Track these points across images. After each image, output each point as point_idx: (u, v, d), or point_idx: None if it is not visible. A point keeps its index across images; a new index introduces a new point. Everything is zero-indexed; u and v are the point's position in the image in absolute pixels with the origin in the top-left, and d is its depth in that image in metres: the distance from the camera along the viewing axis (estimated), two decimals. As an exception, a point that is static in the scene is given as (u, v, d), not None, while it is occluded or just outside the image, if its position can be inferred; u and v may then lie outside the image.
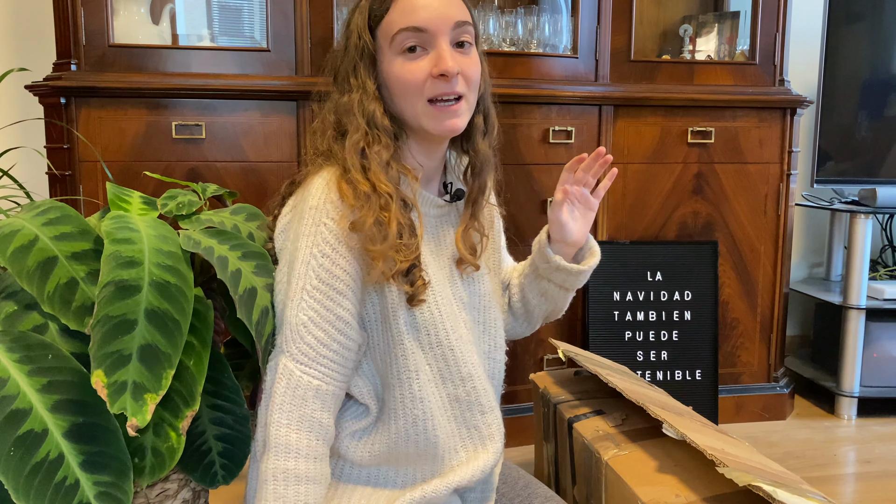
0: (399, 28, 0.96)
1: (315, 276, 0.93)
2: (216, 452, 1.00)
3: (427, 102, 0.97)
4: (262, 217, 1.19)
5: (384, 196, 0.96)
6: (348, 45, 1.01)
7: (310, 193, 0.98)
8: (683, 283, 2.17)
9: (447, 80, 0.96)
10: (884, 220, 2.76)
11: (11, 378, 0.83)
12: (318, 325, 0.93)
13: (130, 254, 0.90)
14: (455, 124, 0.99)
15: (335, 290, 0.94)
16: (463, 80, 0.98)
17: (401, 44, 0.96)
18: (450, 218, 1.11)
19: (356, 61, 1.00)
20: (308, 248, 0.94)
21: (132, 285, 0.87)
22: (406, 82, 0.97)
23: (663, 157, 2.16)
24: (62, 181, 1.80)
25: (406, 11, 0.96)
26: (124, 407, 0.83)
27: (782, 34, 2.21)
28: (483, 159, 1.08)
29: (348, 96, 1.00)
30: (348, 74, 1.01)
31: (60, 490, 0.81)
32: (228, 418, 1.01)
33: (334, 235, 0.94)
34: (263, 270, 1.00)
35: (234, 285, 0.93)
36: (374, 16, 0.98)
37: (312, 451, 0.93)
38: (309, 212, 0.96)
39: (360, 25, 0.99)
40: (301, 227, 0.96)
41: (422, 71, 0.96)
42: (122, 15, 1.86)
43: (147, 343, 0.86)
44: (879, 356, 2.36)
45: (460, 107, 0.98)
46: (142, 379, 0.85)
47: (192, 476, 1.00)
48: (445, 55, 0.95)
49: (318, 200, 0.96)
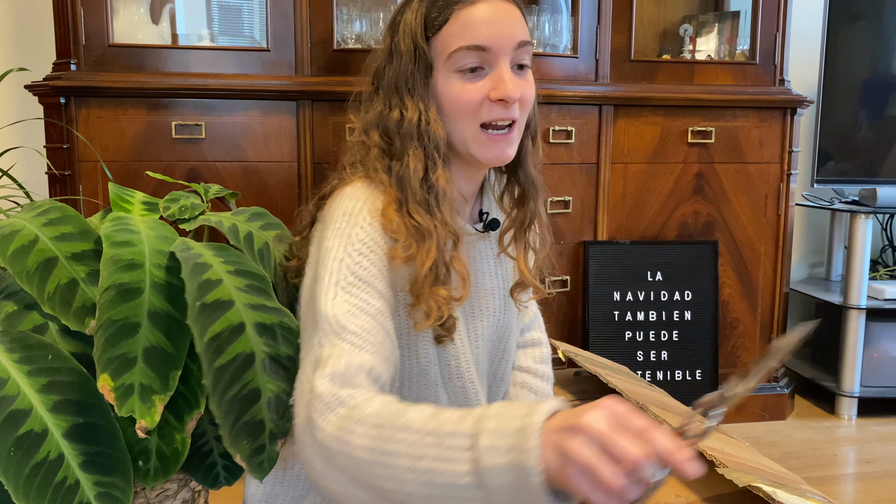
0: (459, 45, 0.87)
1: (350, 272, 0.83)
2: (218, 454, 1.00)
3: (479, 127, 0.89)
4: (266, 217, 1.18)
5: (450, 238, 0.89)
6: (398, 50, 0.91)
7: (343, 198, 0.89)
8: (683, 283, 2.17)
9: (505, 107, 0.88)
10: (884, 220, 2.76)
11: (11, 378, 0.83)
12: (357, 316, 0.80)
13: (130, 256, 0.89)
14: (505, 154, 0.91)
15: (373, 287, 0.83)
16: (519, 106, 0.90)
17: (459, 62, 0.88)
18: (481, 247, 1.02)
19: (412, 73, 0.90)
20: (341, 247, 0.84)
21: (133, 288, 0.87)
22: (460, 104, 0.89)
23: (663, 156, 2.16)
24: (62, 181, 1.80)
25: (467, 26, 0.87)
26: (132, 409, 0.83)
27: (782, 34, 2.20)
28: (533, 183, 0.99)
29: (400, 112, 0.90)
30: (401, 87, 0.91)
31: (60, 490, 0.81)
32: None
33: (370, 237, 0.85)
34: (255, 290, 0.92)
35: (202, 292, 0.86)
36: (431, 25, 0.89)
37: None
38: (342, 216, 0.87)
39: (416, 31, 0.89)
40: (329, 230, 0.87)
41: (479, 92, 0.88)
42: (121, 15, 1.85)
43: (152, 345, 0.86)
44: (879, 356, 2.36)
45: (512, 135, 0.91)
46: (149, 381, 0.85)
47: (195, 477, 1.00)
48: (507, 78, 0.87)
49: (353, 207, 0.87)
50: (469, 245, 1.00)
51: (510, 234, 1.01)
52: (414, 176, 0.88)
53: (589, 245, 2.11)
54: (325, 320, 0.80)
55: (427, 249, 0.86)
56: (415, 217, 0.87)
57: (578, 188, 2.10)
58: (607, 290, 2.13)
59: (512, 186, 1.01)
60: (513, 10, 0.90)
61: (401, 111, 0.90)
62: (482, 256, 1.03)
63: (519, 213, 1.00)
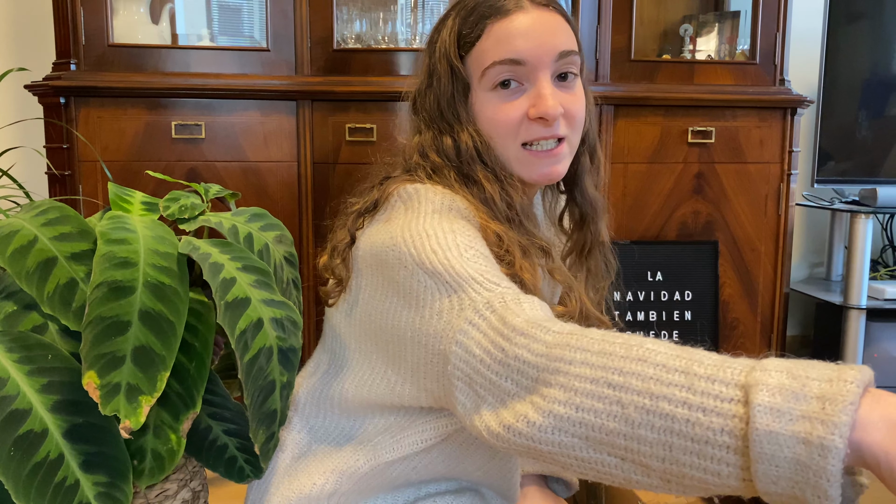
0: (493, 61, 0.81)
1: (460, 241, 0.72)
2: (234, 448, 1.00)
3: (521, 146, 0.83)
4: (266, 217, 1.18)
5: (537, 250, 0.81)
6: (435, 70, 0.85)
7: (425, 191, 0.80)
8: (683, 283, 2.17)
9: (546, 125, 0.81)
10: (884, 219, 2.76)
11: (11, 378, 0.83)
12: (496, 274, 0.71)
13: (125, 254, 0.89)
14: (553, 172, 0.84)
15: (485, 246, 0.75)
16: (565, 121, 0.83)
17: (493, 78, 0.82)
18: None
19: (452, 94, 0.84)
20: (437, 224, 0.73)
21: (126, 286, 0.87)
22: (498, 125, 0.82)
23: (664, 156, 2.16)
24: (62, 181, 1.80)
25: (501, 40, 0.80)
26: (117, 409, 0.83)
27: (782, 34, 2.20)
28: (593, 204, 0.92)
29: (452, 139, 0.83)
30: (445, 111, 0.84)
31: (60, 490, 0.81)
32: (226, 413, 1.01)
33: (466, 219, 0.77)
34: (264, 286, 0.94)
35: (224, 291, 0.89)
36: (465, 42, 0.83)
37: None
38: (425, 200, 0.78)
39: (450, 50, 0.84)
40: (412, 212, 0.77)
41: (517, 111, 0.82)
42: (121, 15, 1.85)
43: (141, 344, 0.86)
44: (880, 356, 2.36)
45: (561, 151, 0.83)
46: (136, 381, 0.84)
47: (217, 472, 0.99)
48: (546, 94, 0.80)
49: (433, 194, 0.79)
50: None
51: (570, 260, 0.95)
52: (494, 195, 0.81)
53: (589, 245, 2.11)
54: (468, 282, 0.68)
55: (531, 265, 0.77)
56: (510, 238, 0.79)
57: (578, 188, 2.10)
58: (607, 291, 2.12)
59: (571, 208, 0.94)
60: (553, 18, 0.83)
61: (452, 137, 0.84)
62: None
63: (579, 237, 0.94)
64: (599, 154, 0.93)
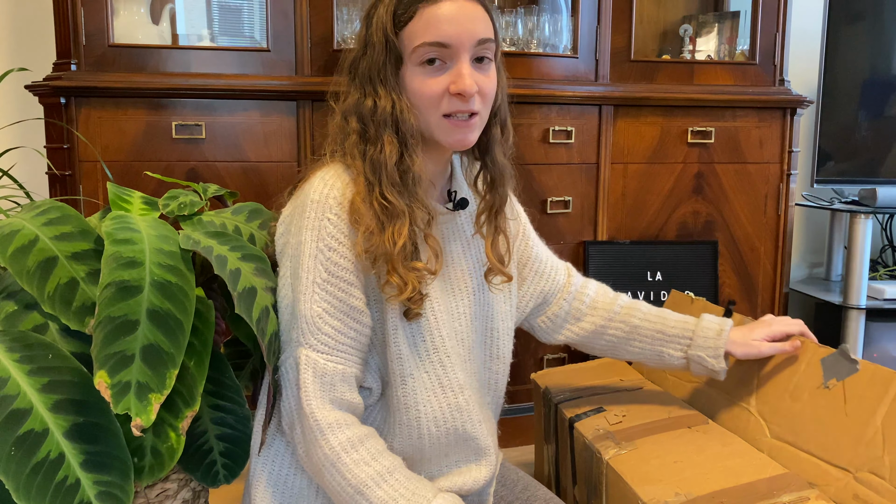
0: (422, 41, 0.93)
1: (324, 269, 0.93)
2: (218, 452, 1.00)
3: (441, 116, 0.96)
4: (263, 213, 1.19)
5: (424, 216, 0.97)
6: (371, 42, 0.97)
7: (311, 188, 0.97)
8: (683, 283, 2.17)
9: (464, 100, 0.95)
10: (884, 220, 2.76)
11: (12, 378, 0.83)
12: (333, 316, 0.94)
13: (131, 254, 0.89)
14: (466, 139, 0.98)
15: (345, 282, 0.94)
16: (479, 98, 0.96)
17: (421, 56, 0.94)
18: (453, 226, 1.09)
19: (384, 63, 0.96)
20: (314, 242, 0.93)
21: (133, 286, 0.87)
22: (423, 96, 0.96)
23: (663, 157, 2.16)
24: (62, 181, 1.80)
25: (431, 24, 0.93)
26: (128, 407, 0.83)
27: (782, 34, 2.21)
28: (501, 170, 1.06)
29: (374, 101, 0.97)
30: (374, 76, 0.97)
31: (61, 490, 0.81)
32: (229, 418, 1.01)
33: (338, 229, 0.94)
34: (263, 273, 1.00)
35: (234, 283, 0.93)
36: (399, 20, 0.95)
37: (356, 421, 0.96)
38: (311, 205, 0.95)
39: (386, 24, 0.95)
40: (303, 220, 0.95)
41: (440, 86, 0.95)
42: (122, 15, 1.85)
43: (150, 343, 0.86)
44: (879, 356, 2.36)
45: (474, 122, 0.97)
46: (145, 379, 0.85)
47: (194, 475, 1.00)
48: (465, 73, 0.94)
49: (319, 194, 0.95)
50: (440, 224, 1.06)
51: (483, 217, 1.08)
52: (389, 160, 0.95)
53: (589, 245, 2.11)
54: (304, 319, 0.93)
55: (399, 228, 0.93)
56: (388, 198, 0.94)
57: (578, 188, 2.10)
58: (607, 290, 2.12)
59: (484, 172, 1.08)
60: (475, 8, 0.95)
61: (374, 100, 0.96)
62: (453, 235, 1.09)
63: (490, 198, 1.07)
64: (510, 127, 1.07)
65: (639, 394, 1.45)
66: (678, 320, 1.24)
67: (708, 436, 1.23)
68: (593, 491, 1.27)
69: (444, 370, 1.02)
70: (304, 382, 0.92)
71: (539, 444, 1.65)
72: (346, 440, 0.92)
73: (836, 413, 1.12)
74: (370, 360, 1.02)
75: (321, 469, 0.93)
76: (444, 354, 1.02)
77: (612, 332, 1.26)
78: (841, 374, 1.14)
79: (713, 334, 1.21)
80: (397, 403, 1.01)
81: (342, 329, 0.94)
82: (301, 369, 0.92)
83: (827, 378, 1.16)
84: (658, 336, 1.24)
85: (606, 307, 1.26)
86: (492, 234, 1.08)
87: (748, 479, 1.08)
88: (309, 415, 0.92)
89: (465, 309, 1.07)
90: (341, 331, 0.94)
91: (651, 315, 1.25)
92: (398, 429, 1.02)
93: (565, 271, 1.29)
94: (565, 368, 1.72)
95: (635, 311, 1.25)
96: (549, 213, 2.07)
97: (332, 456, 0.91)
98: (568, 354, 2.09)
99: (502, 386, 1.16)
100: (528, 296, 1.23)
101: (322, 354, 0.93)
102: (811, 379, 1.19)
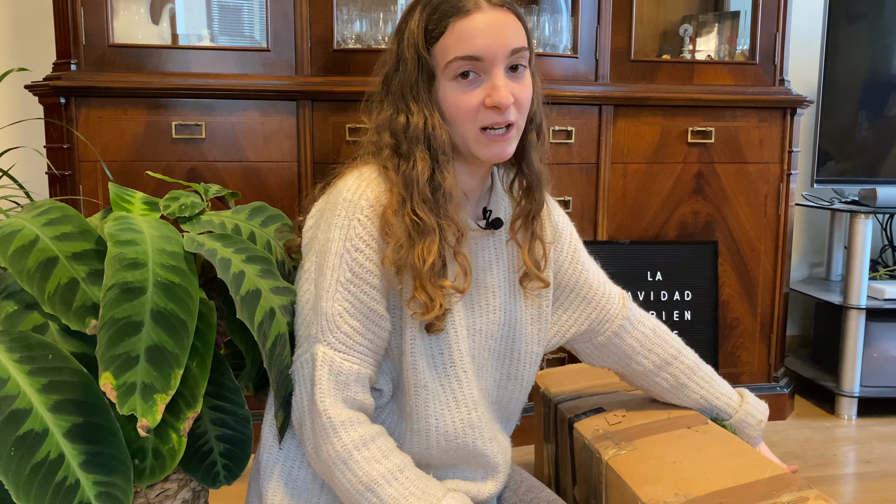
0: (454, 56, 0.93)
1: (349, 269, 0.93)
2: (218, 453, 1.00)
3: (479, 130, 0.95)
4: (266, 210, 1.18)
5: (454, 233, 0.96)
6: (403, 58, 0.97)
7: (345, 186, 0.97)
8: (683, 283, 2.17)
9: (500, 112, 0.94)
10: (884, 220, 2.76)
11: (12, 378, 0.83)
12: (353, 316, 0.94)
13: (134, 255, 0.89)
14: (504, 152, 0.97)
15: (368, 284, 0.94)
16: (515, 109, 0.95)
17: (454, 70, 0.94)
18: (483, 242, 1.07)
19: (416, 79, 0.96)
20: (341, 241, 0.94)
21: (137, 287, 0.87)
22: (459, 111, 0.95)
23: (663, 156, 2.16)
24: (62, 181, 1.80)
25: (463, 37, 0.92)
26: (134, 408, 0.83)
27: (782, 34, 2.21)
28: (537, 175, 1.05)
29: (406, 117, 0.96)
30: (406, 92, 0.97)
31: (61, 490, 0.81)
32: (229, 419, 1.01)
33: (367, 232, 0.94)
34: (269, 274, 1.00)
35: (237, 286, 0.93)
36: (430, 36, 0.94)
37: (367, 420, 0.96)
38: (343, 203, 0.95)
39: (418, 40, 0.95)
40: (333, 217, 0.95)
41: (475, 100, 0.94)
42: (121, 15, 1.85)
43: (154, 344, 0.86)
44: (879, 356, 2.36)
45: (510, 135, 0.96)
46: (151, 379, 0.85)
47: (195, 476, 1.00)
48: (500, 86, 0.93)
49: (353, 194, 0.95)
50: (472, 241, 1.04)
51: (519, 223, 1.06)
52: (421, 176, 0.94)
53: (589, 245, 2.11)
54: (325, 316, 0.93)
55: (429, 245, 0.93)
56: (419, 214, 0.93)
57: (578, 188, 2.10)
58: (607, 290, 2.12)
59: (519, 178, 1.06)
60: (507, 18, 0.94)
61: (407, 116, 0.96)
62: (484, 253, 1.06)
63: (526, 203, 1.06)
64: (545, 131, 1.06)
65: (638, 394, 1.45)
66: (723, 395, 1.29)
67: (708, 436, 1.23)
68: (593, 491, 1.27)
69: (460, 385, 1.01)
70: (318, 379, 0.92)
71: (539, 444, 1.65)
72: (358, 438, 0.92)
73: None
74: (384, 364, 1.01)
75: (331, 466, 0.93)
76: (461, 370, 1.01)
77: (658, 380, 1.27)
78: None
79: (754, 422, 1.29)
80: (410, 411, 1.01)
81: (361, 330, 0.94)
82: (317, 366, 0.93)
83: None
84: (701, 403, 1.29)
85: (659, 354, 1.25)
86: (528, 240, 1.06)
87: (748, 479, 1.08)
88: (322, 412, 0.92)
89: (487, 327, 1.06)
90: (360, 332, 0.94)
91: (699, 378, 1.28)
92: (409, 435, 1.02)
93: (620, 300, 1.23)
94: (565, 368, 1.72)
95: (683, 368, 1.27)
96: (549, 213, 2.07)
97: (344, 453, 0.91)
98: (568, 354, 2.09)
99: (517, 407, 1.15)
100: (571, 321, 1.19)
101: (339, 353, 0.93)
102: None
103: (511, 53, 0.94)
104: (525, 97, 0.97)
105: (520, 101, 0.96)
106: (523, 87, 0.96)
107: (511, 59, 0.94)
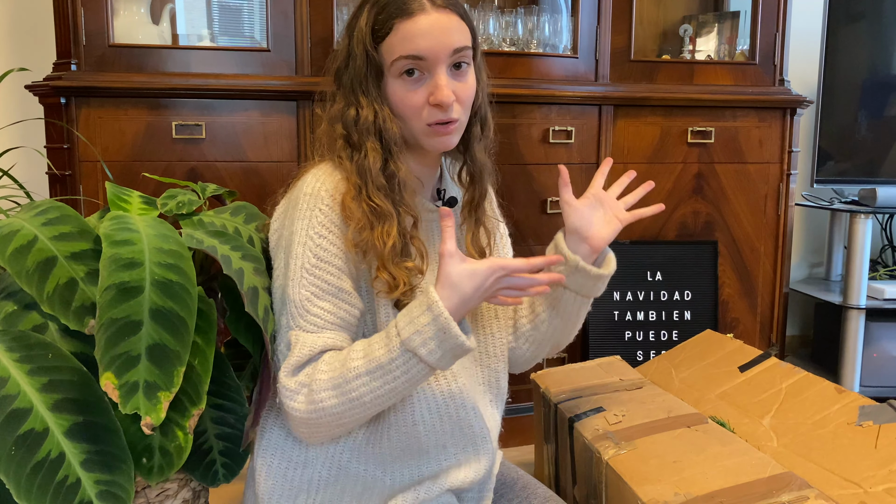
0: (399, 55, 0.97)
1: (313, 255, 0.96)
2: (217, 451, 1.01)
3: (425, 124, 1.00)
4: (260, 217, 1.19)
5: (410, 218, 1.00)
6: (353, 53, 1.01)
7: (304, 183, 1.00)
8: (683, 283, 2.17)
9: (443, 109, 0.98)
10: (884, 220, 2.76)
11: (12, 378, 0.83)
12: (321, 298, 0.96)
13: (130, 255, 0.89)
14: (448, 142, 1.02)
15: (332, 265, 0.96)
16: (458, 105, 1.00)
17: (400, 68, 0.98)
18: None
19: (365, 74, 1.00)
20: (304, 230, 0.97)
21: (133, 286, 0.87)
22: (405, 108, 1.00)
23: (663, 156, 2.16)
24: (62, 181, 1.80)
25: (407, 38, 0.96)
26: (137, 406, 0.83)
27: (782, 34, 2.21)
28: (481, 166, 1.10)
29: (357, 111, 1.01)
30: (356, 87, 1.01)
31: (62, 489, 0.81)
32: (230, 417, 1.01)
33: (329, 219, 0.97)
34: (261, 273, 1.01)
35: (240, 281, 0.94)
36: (377, 35, 0.99)
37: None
38: (304, 198, 0.98)
39: (366, 38, 0.99)
40: (296, 212, 0.99)
41: (420, 97, 0.98)
42: (122, 15, 1.86)
43: (155, 342, 0.87)
44: (879, 356, 2.36)
45: (453, 128, 1.01)
46: (153, 378, 0.85)
47: (194, 475, 1.00)
48: (442, 85, 0.97)
49: (312, 188, 0.98)
50: (431, 222, 1.10)
51: (466, 210, 1.12)
52: (373, 166, 0.99)
53: (589, 245, 2.11)
54: (293, 303, 0.96)
55: (388, 228, 0.97)
56: (375, 201, 0.98)
57: (578, 188, 2.09)
58: (607, 290, 2.09)
59: (466, 168, 1.12)
60: (450, 19, 0.98)
61: (357, 109, 1.01)
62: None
63: (471, 192, 1.12)
64: (490, 123, 1.10)
65: (638, 393, 1.45)
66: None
67: (707, 435, 1.23)
68: (593, 491, 1.27)
69: None
70: (296, 356, 0.94)
71: (539, 444, 1.65)
72: (327, 371, 0.93)
73: (864, 444, 1.12)
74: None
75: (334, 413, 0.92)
76: None
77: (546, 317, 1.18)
78: (880, 419, 1.16)
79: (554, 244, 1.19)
80: None
81: (332, 309, 0.96)
82: (295, 347, 0.95)
83: (862, 419, 1.18)
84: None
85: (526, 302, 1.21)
86: (472, 227, 1.11)
87: (747, 478, 1.08)
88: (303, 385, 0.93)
89: None
90: (331, 311, 0.96)
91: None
92: (393, 417, 1.02)
93: None
94: (565, 368, 1.72)
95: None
96: (549, 214, 2.07)
97: (333, 390, 0.91)
98: (568, 354, 2.09)
99: (498, 378, 1.16)
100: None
101: (312, 334, 0.95)
102: (843, 416, 1.22)
103: (453, 53, 0.98)
104: (467, 95, 1.01)
105: (461, 98, 1.00)
106: (465, 85, 1.01)
107: (453, 58, 0.98)
